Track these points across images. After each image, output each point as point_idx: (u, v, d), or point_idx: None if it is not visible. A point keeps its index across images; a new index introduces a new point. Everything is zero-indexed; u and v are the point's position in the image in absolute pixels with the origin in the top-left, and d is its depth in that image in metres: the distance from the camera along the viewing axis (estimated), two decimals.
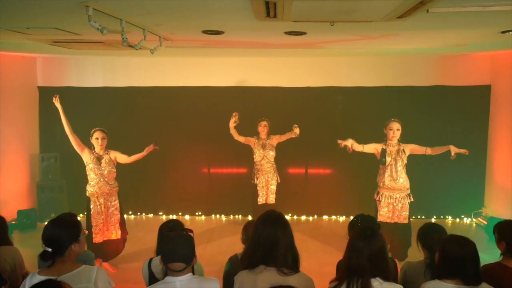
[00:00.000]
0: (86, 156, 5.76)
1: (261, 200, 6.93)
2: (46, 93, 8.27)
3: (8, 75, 7.41)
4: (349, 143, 5.54)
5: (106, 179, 5.72)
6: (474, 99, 7.86)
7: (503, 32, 4.53)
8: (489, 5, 3.18)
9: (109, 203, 5.78)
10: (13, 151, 7.62)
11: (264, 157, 6.91)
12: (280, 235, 2.68)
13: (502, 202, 7.36)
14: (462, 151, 5.53)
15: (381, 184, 5.70)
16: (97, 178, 5.70)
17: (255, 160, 6.97)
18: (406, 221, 5.63)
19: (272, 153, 6.92)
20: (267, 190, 6.95)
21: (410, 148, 5.72)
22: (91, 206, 5.73)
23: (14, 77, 7.66)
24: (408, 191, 5.69)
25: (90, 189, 5.74)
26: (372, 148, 5.76)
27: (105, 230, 5.79)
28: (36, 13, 3.54)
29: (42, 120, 8.30)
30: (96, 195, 5.72)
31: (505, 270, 3.05)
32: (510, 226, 3.21)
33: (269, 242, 2.67)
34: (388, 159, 5.61)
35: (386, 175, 5.62)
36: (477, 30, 4.51)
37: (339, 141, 5.57)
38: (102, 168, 5.70)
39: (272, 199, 6.96)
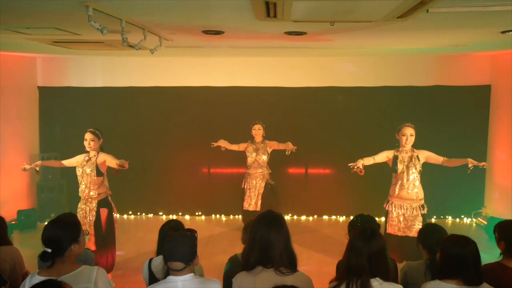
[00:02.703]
0: (79, 160, 5.50)
1: (246, 206, 6.84)
2: (46, 93, 8.30)
3: (8, 75, 7.41)
4: (360, 164, 5.19)
5: (88, 183, 5.36)
6: (474, 99, 7.86)
7: (503, 32, 4.54)
8: (489, 5, 3.18)
9: (87, 207, 5.41)
10: (13, 151, 7.62)
11: (255, 161, 6.83)
12: (274, 236, 2.68)
13: (502, 202, 7.36)
14: (480, 164, 5.18)
15: (394, 193, 5.37)
16: (80, 181, 5.41)
17: (247, 163, 6.93)
18: (416, 235, 5.39)
19: (264, 158, 6.81)
20: (257, 196, 6.84)
21: (425, 156, 5.38)
22: (78, 209, 5.47)
23: (14, 77, 7.66)
24: (422, 202, 5.37)
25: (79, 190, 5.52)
26: (383, 157, 5.42)
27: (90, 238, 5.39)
28: (36, 13, 3.54)
29: (42, 120, 8.30)
30: (83, 196, 5.46)
31: (505, 270, 3.05)
32: (510, 226, 3.21)
33: (263, 243, 2.68)
34: (400, 166, 5.28)
35: (400, 184, 5.30)
36: (477, 30, 4.51)
37: (351, 165, 5.24)
38: (86, 170, 5.38)
39: (257, 206, 6.77)
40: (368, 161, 5.31)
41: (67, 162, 5.68)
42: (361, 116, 7.96)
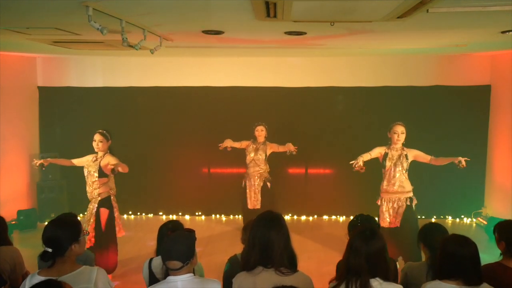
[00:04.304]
0: (89, 159, 5.59)
1: (250, 205, 6.88)
2: (46, 93, 8.30)
3: (8, 75, 7.41)
4: (360, 161, 5.40)
5: (92, 183, 5.46)
6: (474, 99, 7.86)
7: (503, 32, 4.54)
8: (489, 5, 3.18)
9: (91, 206, 5.49)
10: (13, 151, 7.62)
11: (253, 161, 6.85)
12: (274, 236, 2.68)
13: (502, 202, 7.36)
14: (463, 159, 5.32)
15: (382, 188, 5.64)
16: (88, 181, 5.49)
17: (246, 163, 6.95)
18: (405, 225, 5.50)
19: (261, 157, 6.83)
20: (254, 195, 6.88)
21: (414, 154, 5.60)
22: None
23: (14, 77, 7.66)
24: (410, 195, 5.56)
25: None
26: (377, 152, 5.66)
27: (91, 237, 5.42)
28: (36, 13, 3.54)
29: (42, 120, 8.30)
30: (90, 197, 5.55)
31: (505, 270, 3.05)
32: (510, 226, 3.21)
33: (263, 243, 2.69)
34: (388, 163, 5.53)
35: (386, 179, 5.57)
36: (477, 30, 4.51)
37: (352, 163, 5.43)
38: (90, 170, 5.46)
39: (257, 204, 6.86)
40: (366, 157, 5.55)
41: (76, 161, 5.73)
42: (361, 116, 7.96)
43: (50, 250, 2.67)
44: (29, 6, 3.27)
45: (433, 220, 7.83)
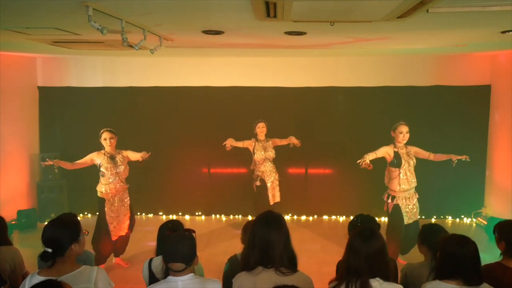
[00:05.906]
0: (98, 159, 5.72)
1: (272, 201, 6.95)
2: (46, 93, 8.30)
3: (8, 75, 7.41)
4: (367, 159, 5.55)
5: (121, 178, 5.80)
6: (474, 99, 7.86)
7: (503, 32, 4.53)
8: (489, 5, 3.18)
9: (121, 201, 5.88)
10: (13, 151, 7.62)
11: (266, 159, 6.93)
12: (274, 236, 2.69)
13: (502, 202, 7.36)
14: (462, 157, 5.69)
15: (397, 188, 5.70)
16: (113, 178, 5.72)
17: (256, 162, 6.97)
18: (418, 217, 5.82)
19: (271, 153, 6.96)
20: (273, 190, 6.99)
21: (414, 151, 5.84)
22: (106, 208, 5.72)
23: (14, 77, 7.66)
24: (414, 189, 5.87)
25: (104, 190, 5.71)
26: (383, 152, 5.76)
27: (118, 229, 5.88)
28: (36, 13, 3.54)
29: (42, 120, 8.30)
30: (110, 195, 5.72)
31: (505, 270, 3.05)
32: (510, 226, 3.21)
33: (263, 243, 2.69)
34: (403, 161, 5.67)
35: (402, 178, 5.66)
36: (477, 30, 4.51)
37: (359, 162, 5.56)
38: (119, 167, 5.76)
39: (278, 197, 7.00)
40: (371, 156, 5.66)
41: (78, 163, 5.82)
42: (361, 116, 7.96)
43: (50, 250, 2.67)
44: (29, 6, 3.26)
45: (433, 220, 7.84)
